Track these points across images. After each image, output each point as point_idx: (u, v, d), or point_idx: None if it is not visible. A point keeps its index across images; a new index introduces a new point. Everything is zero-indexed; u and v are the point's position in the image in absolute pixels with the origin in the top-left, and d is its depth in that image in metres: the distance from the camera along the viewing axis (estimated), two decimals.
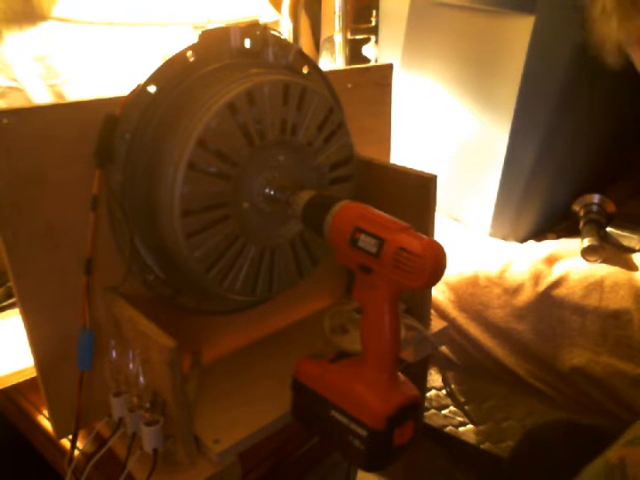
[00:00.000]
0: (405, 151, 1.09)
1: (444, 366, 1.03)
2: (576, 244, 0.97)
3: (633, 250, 0.99)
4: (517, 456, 0.77)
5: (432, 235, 0.71)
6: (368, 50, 1.34)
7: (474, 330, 0.97)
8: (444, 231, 1.05)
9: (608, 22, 0.53)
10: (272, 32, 0.62)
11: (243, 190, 0.60)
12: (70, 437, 0.60)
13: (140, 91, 0.56)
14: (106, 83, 1.01)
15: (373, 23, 1.33)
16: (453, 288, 0.98)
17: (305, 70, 0.67)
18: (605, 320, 0.87)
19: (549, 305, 0.91)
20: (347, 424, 0.53)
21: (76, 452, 0.61)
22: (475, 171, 1.07)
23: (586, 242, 0.94)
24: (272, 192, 0.61)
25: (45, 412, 0.70)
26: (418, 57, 1.09)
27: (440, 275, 0.49)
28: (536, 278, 0.92)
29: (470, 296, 0.97)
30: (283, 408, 0.61)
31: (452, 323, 0.98)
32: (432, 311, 0.80)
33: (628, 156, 1.29)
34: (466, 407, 1.06)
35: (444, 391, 1.08)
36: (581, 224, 1.03)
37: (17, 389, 0.75)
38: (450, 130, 1.08)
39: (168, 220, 0.55)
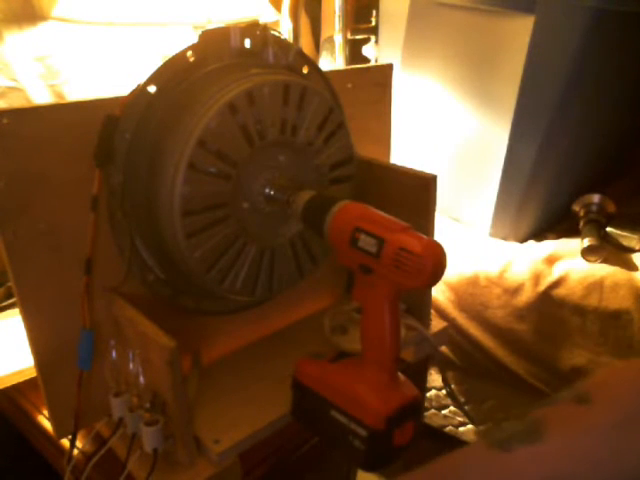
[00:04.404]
0: (405, 151, 1.09)
1: (444, 366, 1.03)
2: (576, 244, 0.97)
3: (633, 250, 0.98)
4: None
5: (432, 235, 0.71)
6: (368, 50, 1.34)
7: (474, 330, 0.97)
8: (444, 231, 1.05)
9: None
10: (272, 32, 0.62)
11: (243, 190, 0.60)
12: (70, 437, 0.60)
13: (140, 91, 0.56)
14: (106, 83, 1.01)
15: (373, 23, 1.33)
16: (453, 288, 0.98)
17: (305, 70, 0.67)
18: (605, 320, 0.87)
19: (549, 305, 0.91)
20: (347, 424, 0.53)
21: (76, 452, 0.61)
22: (475, 171, 1.07)
23: (586, 242, 0.94)
24: (272, 192, 0.60)
25: (45, 412, 0.70)
26: (418, 57, 1.09)
27: (440, 275, 0.49)
28: (536, 278, 0.92)
29: (470, 296, 0.97)
30: (283, 408, 0.61)
31: (452, 323, 0.97)
32: (432, 311, 0.80)
33: (628, 156, 1.29)
34: (466, 407, 1.06)
35: (444, 391, 1.08)
36: (581, 224, 1.03)
37: (17, 389, 0.75)
38: (450, 130, 1.08)
39: (168, 220, 0.55)
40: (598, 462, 0.36)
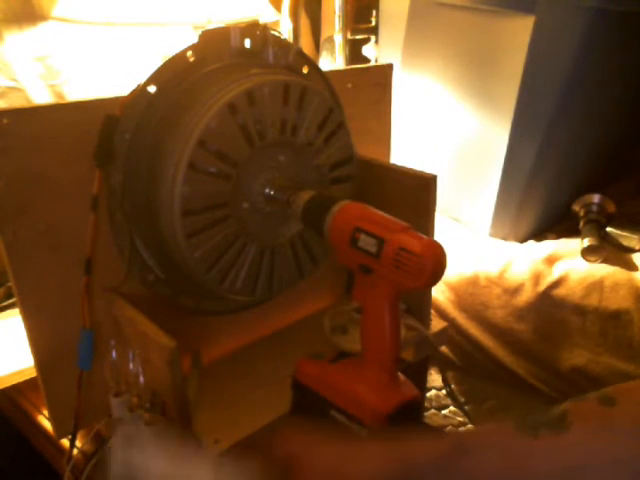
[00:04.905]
0: (405, 151, 1.09)
1: (444, 366, 1.03)
2: (576, 244, 0.97)
3: (633, 250, 0.98)
4: None
5: (432, 235, 0.71)
6: (368, 50, 1.34)
7: (474, 330, 0.97)
8: (444, 231, 1.05)
9: None
10: (272, 32, 0.62)
11: (243, 190, 0.60)
12: (70, 437, 0.60)
13: (140, 91, 0.56)
14: (106, 83, 1.01)
15: (373, 23, 1.33)
16: (453, 288, 0.98)
17: (305, 70, 0.67)
18: (605, 320, 0.87)
19: (549, 305, 0.91)
20: (347, 424, 0.53)
21: (76, 452, 0.61)
22: (475, 171, 1.07)
23: (586, 242, 0.94)
24: (272, 192, 0.60)
25: (45, 412, 0.70)
26: (418, 57, 1.09)
27: (440, 275, 0.49)
28: (536, 278, 0.92)
29: (470, 296, 0.97)
30: (283, 408, 0.61)
31: (452, 323, 0.97)
32: (432, 311, 0.80)
33: (628, 156, 1.29)
34: (466, 407, 1.06)
35: (444, 391, 1.08)
36: (581, 224, 1.03)
37: (17, 389, 0.75)
38: (450, 130, 1.08)
39: (168, 220, 0.55)
40: (617, 460, 0.37)
